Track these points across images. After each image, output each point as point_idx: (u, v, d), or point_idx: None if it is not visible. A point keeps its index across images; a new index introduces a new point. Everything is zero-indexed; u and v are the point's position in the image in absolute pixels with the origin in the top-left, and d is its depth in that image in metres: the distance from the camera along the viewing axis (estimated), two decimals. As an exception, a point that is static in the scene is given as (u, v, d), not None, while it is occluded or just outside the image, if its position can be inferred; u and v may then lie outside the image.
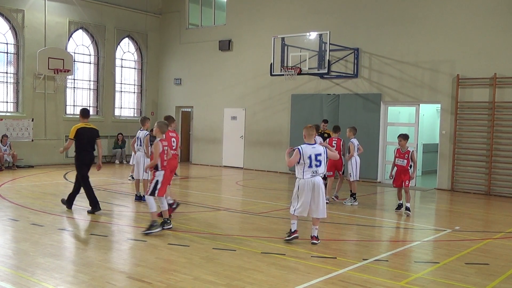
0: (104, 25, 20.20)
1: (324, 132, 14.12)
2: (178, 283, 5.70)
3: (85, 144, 9.63)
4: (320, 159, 7.55)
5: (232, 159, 19.95)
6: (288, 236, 7.76)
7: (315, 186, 7.54)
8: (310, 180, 7.53)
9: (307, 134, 7.70)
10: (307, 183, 7.53)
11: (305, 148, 7.53)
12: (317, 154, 7.54)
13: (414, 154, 10.56)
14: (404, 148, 10.55)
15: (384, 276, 6.21)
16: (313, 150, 7.54)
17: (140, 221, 9.11)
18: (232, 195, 13.32)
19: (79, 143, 9.58)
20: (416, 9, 15.49)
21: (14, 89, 18.17)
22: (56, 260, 6.51)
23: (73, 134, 9.49)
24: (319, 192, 7.56)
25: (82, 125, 9.71)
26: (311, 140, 7.67)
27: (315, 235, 7.73)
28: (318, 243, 7.70)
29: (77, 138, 9.53)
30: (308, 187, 7.53)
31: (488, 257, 7.24)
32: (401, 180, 10.56)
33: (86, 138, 9.64)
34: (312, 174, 7.53)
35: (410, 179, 10.57)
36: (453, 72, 14.81)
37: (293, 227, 7.76)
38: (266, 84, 18.71)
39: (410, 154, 10.46)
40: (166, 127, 8.44)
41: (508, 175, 13.92)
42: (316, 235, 7.74)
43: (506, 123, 14.02)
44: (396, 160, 10.60)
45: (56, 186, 13.51)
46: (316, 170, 7.53)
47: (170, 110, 21.98)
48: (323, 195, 7.70)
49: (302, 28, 16.88)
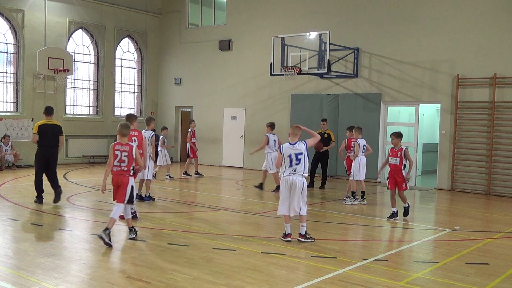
0: (104, 25, 20.20)
1: (325, 132, 14.07)
2: (177, 283, 5.70)
3: (48, 139, 10.49)
4: (300, 158, 7.65)
5: (232, 159, 19.96)
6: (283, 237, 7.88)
7: (293, 184, 7.62)
8: (288, 178, 7.65)
9: (291, 133, 7.79)
10: (286, 181, 7.68)
11: (285, 148, 7.70)
12: (297, 154, 7.65)
13: (407, 152, 9.95)
14: (397, 146, 10.01)
15: (384, 276, 6.21)
16: (293, 150, 7.66)
17: (141, 221, 9.11)
18: (232, 195, 13.32)
19: (42, 139, 10.41)
20: (416, 9, 15.49)
21: (14, 89, 18.18)
22: (56, 260, 6.51)
23: (36, 130, 10.43)
24: (295, 189, 7.60)
25: (44, 121, 10.62)
26: (294, 140, 7.74)
27: (300, 233, 7.77)
28: (309, 241, 7.68)
29: (40, 134, 10.39)
30: (286, 186, 7.68)
31: (488, 257, 7.25)
32: (395, 181, 9.89)
33: (49, 134, 10.51)
34: (290, 172, 7.63)
35: (405, 182, 9.87)
36: (453, 72, 14.81)
37: (286, 230, 7.83)
38: (266, 84, 18.72)
39: (403, 152, 9.84)
40: (125, 130, 7.47)
41: (508, 175, 13.92)
42: (303, 233, 7.75)
43: (506, 123, 14.03)
44: (390, 159, 10.03)
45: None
46: (295, 169, 7.62)
47: (170, 110, 22.01)
48: (301, 193, 7.65)
49: (302, 28, 16.88)
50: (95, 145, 20.03)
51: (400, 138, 10.14)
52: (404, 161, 9.89)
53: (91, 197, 11.75)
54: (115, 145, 7.36)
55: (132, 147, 7.41)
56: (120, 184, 7.37)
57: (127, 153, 7.34)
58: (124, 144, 7.39)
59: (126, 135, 7.46)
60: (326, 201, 12.46)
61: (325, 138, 13.86)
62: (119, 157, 7.32)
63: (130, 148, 7.39)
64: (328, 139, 13.93)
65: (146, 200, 11.19)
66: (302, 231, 7.76)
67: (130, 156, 7.36)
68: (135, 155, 7.42)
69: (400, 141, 10.11)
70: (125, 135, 7.43)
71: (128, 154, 7.35)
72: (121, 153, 7.32)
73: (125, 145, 7.38)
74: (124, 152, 7.33)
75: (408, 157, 9.91)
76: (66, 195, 11.70)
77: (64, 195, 11.10)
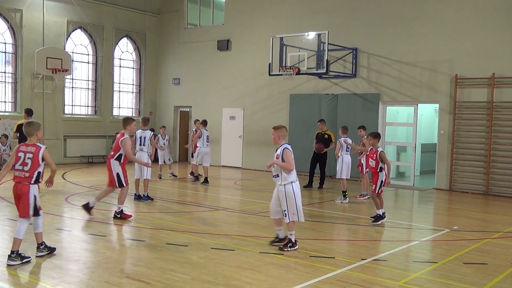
0: (102, 25, 20.18)
1: (325, 133, 13.99)
2: (176, 283, 5.70)
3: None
4: None
5: (231, 159, 19.96)
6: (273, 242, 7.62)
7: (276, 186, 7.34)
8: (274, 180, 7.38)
9: (282, 136, 7.31)
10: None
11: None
12: None
13: (383, 155, 9.35)
14: (374, 148, 9.49)
15: (382, 275, 6.21)
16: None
17: (139, 220, 9.10)
18: (231, 195, 13.32)
19: (22, 136, 11.06)
20: (414, 9, 15.50)
21: (12, 89, 18.16)
22: (55, 260, 6.50)
23: (15, 129, 11.67)
24: (276, 192, 7.31)
25: (24, 121, 11.06)
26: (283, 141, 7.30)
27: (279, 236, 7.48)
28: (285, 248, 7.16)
29: (20, 133, 11.19)
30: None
31: (486, 257, 7.25)
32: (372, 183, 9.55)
33: None
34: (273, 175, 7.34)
35: (376, 185, 9.36)
36: (451, 72, 14.82)
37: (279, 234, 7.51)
38: (264, 84, 18.72)
39: (378, 155, 9.35)
40: (27, 128, 6.58)
41: (506, 174, 13.94)
42: (282, 236, 7.44)
43: (504, 123, 14.04)
44: (369, 161, 9.67)
45: (54, 186, 13.43)
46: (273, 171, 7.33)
47: (168, 110, 22.01)
48: (277, 196, 7.28)
49: (300, 28, 16.88)
50: (94, 145, 20.02)
51: (378, 139, 9.58)
52: (380, 164, 9.40)
53: (89, 197, 11.71)
54: (20, 146, 6.49)
55: (39, 148, 6.37)
56: (21, 194, 6.43)
57: (31, 155, 6.34)
58: (30, 145, 6.41)
59: (32, 135, 6.45)
60: (324, 201, 12.47)
61: (325, 139, 13.83)
62: (22, 159, 6.37)
63: (37, 149, 6.36)
64: (328, 140, 13.86)
65: (145, 200, 11.19)
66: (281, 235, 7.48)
67: (35, 159, 6.33)
68: (42, 159, 6.39)
69: (378, 141, 9.57)
70: (31, 135, 6.46)
71: (33, 157, 6.33)
72: (24, 154, 6.36)
73: (30, 146, 6.40)
74: (28, 154, 6.35)
75: (384, 160, 9.37)
76: (65, 195, 11.70)
77: (63, 195, 11.08)
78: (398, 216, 10.77)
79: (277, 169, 7.17)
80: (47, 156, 6.42)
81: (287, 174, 7.11)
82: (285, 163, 7.06)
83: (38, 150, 6.36)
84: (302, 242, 7.72)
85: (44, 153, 6.40)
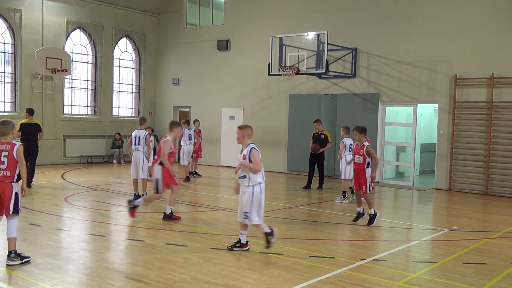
0: (102, 25, 20.17)
1: (321, 133, 13.94)
2: (176, 283, 5.70)
3: (30, 136, 12.43)
4: None
5: (230, 159, 19.93)
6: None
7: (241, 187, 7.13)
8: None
9: (247, 135, 7.11)
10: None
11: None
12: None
13: (370, 149, 9.07)
14: (360, 143, 9.21)
15: (382, 276, 6.21)
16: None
17: (138, 221, 9.10)
18: (230, 195, 13.29)
19: (24, 135, 12.32)
20: (414, 9, 15.50)
21: (12, 89, 18.14)
22: (54, 260, 6.50)
23: (18, 128, 12.17)
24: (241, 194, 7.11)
25: (26, 120, 12.76)
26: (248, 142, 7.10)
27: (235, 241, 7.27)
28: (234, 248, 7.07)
29: (22, 131, 12.37)
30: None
31: (485, 257, 7.26)
32: (358, 182, 9.22)
33: (30, 131, 12.56)
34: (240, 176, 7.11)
35: (366, 184, 9.08)
36: (451, 72, 14.83)
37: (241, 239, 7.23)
38: (264, 84, 18.71)
39: (365, 149, 9.04)
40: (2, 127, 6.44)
41: (506, 174, 13.94)
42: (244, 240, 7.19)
43: (504, 123, 14.05)
44: (355, 158, 9.32)
45: (54, 186, 13.48)
46: (239, 172, 7.09)
47: (168, 110, 21.99)
48: (241, 200, 7.09)
49: (300, 28, 16.88)
50: (93, 145, 20.01)
51: (364, 133, 9.24)
52: (368, 159, 9.13)
53: (89, 197, 11.74)
54: None
55: (13, 145, 6.26)
56: (2, 194, 6.20)
57: (7, 153, 6.22)
58: (4, 143, 6.28)
59: (7, 134, 6.33)
60: (323, 201, 12.47)
61: (322, 139, 13.80)
62: None
63: (12, 147, 6.25)
64: (325, 140, 13.82)
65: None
66: (244, 239, 7.24)
67: (11, 156, 6.22)
68: (18, 157, 6.26)
69: (364, 136, 9.25)
70: (7, 134, 6.33)
71: (9, 154, 6.22)
72: (0, 153, 6.23)
73: (5, 144, 6.28)
74: (4, 152, 6.22)
75: (372, 155, 9.09)
76: (64, 195, 11.70)
77: (62, 195, 11.08)
78: (398, 216, 10.77)
79: (243, 169, 6.96)
80: (20, 154, 6.26)
81: (254, 175, 6.91)
82: (252, 163, 6.85)
83: (13, 147, 6.26)
84: (301, 242, 7.74)
85: (18, 150, 6.26)
